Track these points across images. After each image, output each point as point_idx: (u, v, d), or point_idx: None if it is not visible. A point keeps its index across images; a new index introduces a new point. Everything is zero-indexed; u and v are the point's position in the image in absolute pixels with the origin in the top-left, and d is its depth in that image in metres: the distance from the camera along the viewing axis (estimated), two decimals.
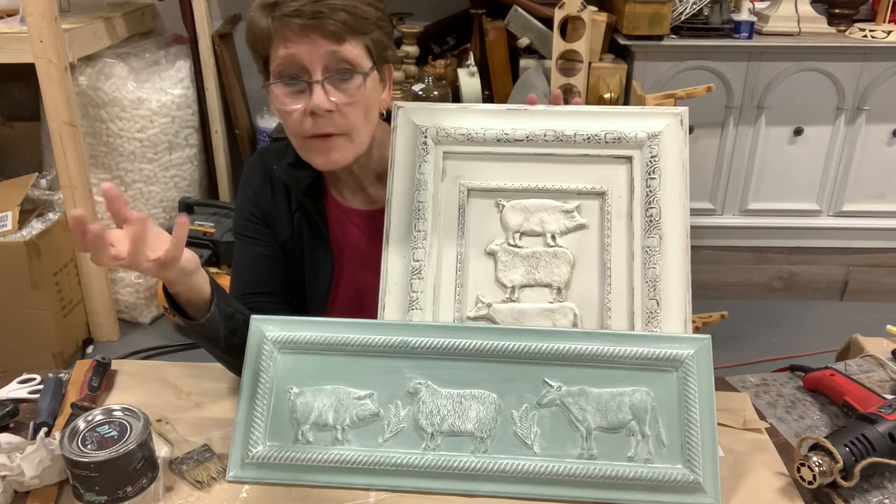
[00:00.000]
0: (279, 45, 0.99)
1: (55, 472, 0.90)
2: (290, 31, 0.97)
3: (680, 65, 2.45)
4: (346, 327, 0.95)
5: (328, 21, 0.96)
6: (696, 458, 0.87)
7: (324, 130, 1.01)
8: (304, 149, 1.06)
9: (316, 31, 0.96)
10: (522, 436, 0.90)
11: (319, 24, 0.96)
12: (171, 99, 2.59)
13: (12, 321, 2.31)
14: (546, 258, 1.00)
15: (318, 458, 0.90)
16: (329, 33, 0.97)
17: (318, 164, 1.06)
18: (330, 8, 0.96)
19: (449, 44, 2.85)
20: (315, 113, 0.99)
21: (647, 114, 1.02)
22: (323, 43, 0.97)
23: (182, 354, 2.50)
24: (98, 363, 1.12)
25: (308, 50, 0.97)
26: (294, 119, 1.01)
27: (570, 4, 2.27)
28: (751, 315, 2.68)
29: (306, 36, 0.97)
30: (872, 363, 1.15)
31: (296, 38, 0.97)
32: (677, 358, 0.90)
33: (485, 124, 1.02)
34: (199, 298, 0.94)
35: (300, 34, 0.97)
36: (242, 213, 1.18)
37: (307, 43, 0.97)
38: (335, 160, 1.04)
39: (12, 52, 2.24)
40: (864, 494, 0.90)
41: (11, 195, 2.37)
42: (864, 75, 2.47)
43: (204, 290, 0.94)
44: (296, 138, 1.05)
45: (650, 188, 0.99)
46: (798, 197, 2.67)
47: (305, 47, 0.97)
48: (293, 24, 0.96)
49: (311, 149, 1.04)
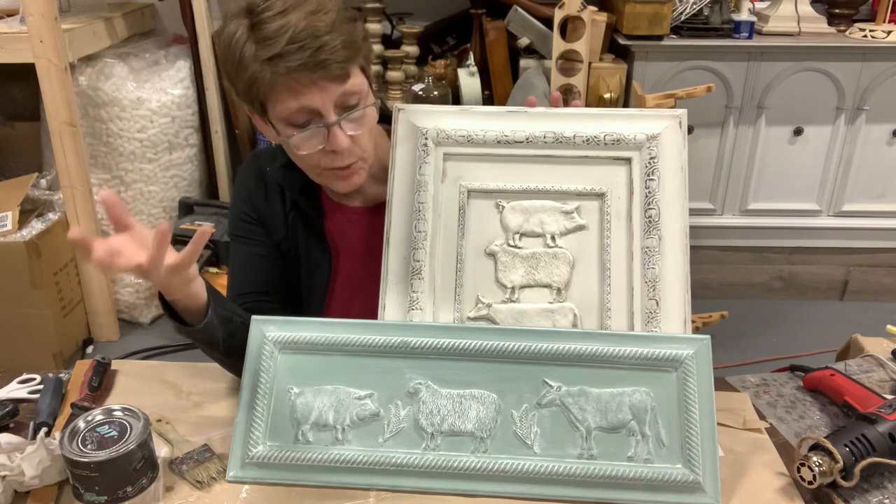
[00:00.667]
0: (286, 98, 0.97)
1: (55, 472, 0.90)
2: (297, 83, 0.95)
3: (680, 65, 2.45)
4: (346, 327, 0.96)
5: (334, 66, 0.95)
6: (696, 458, 0.87)
7: (345, 163, 1.03)
8: (321, 178, 1.08)
9: (323, 78, 0.96)
10: (522, 436, 0.90)
11: (326, 73, 0.95)
12: (171, 99, 2.59)
13: (12, 321, 2.31)
14: (546, 259, 1.00)
15: (319, 458, 0.91)
16: (336, 77, 0.96)
17: (339, 189, 1.09)
18: (331, 51, 0.94)
19: (449, 44, 2.84)
20: (335, 151, 1.01)
21: (646, 116, 1.02)
22: (331, 86, 0.97)
23: (182, 354, 2.50)
24: (98, 363, 1.12)
25: (319, 97, 0.97)
26: (312, 158, 1.03)
27: (570, 4, 2.27)
28: (751, 315, 2.68)
29: (314, 84, 0.96)
30: (872, 363, 1.15)
31: (304, 88, 0.96)
32: (677, 358, 0.90)
33: (485, 126, 1.02)
34: (196, 305, 0.94)
35: (307, 84, 0.95)
36: (237, 215, 1.18)
37: (316, 90, 0.96)
38: (355, 182, 1.07)
39: (12, 52, 2.24)
40: (864, 494, 0.90)
41: (11, 195, 2.37)
42: (864, 75, 2.47)
43: (201, 295, 0.94)
44: (311, 170, 1.07)
45: (649, 189, 0.99)
46: (798, 197, 2.67)
47: (316, 95, 0.96)
48: (300, 77, 0.95)
49: (330, 178, 1.07)
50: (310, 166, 1.06)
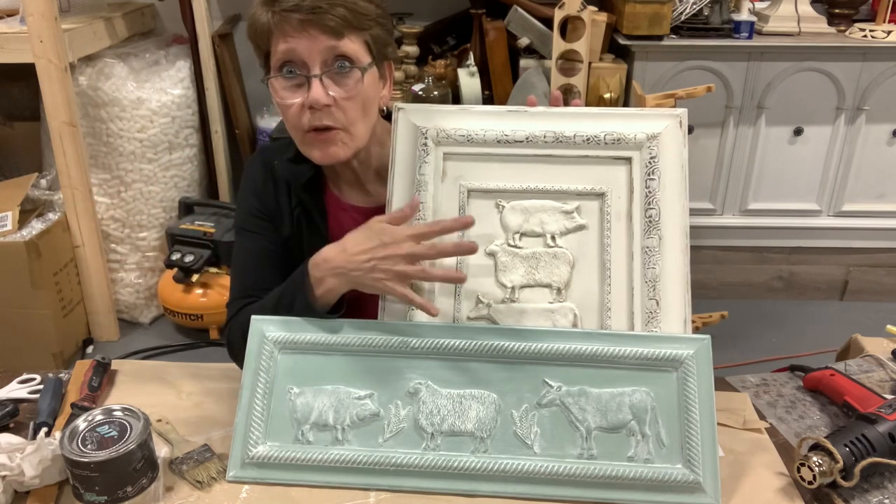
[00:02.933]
0: (279, 40, 1.00)
1: (55, 472, 0.90)
2: (290, 25, 0.98)
3: (680, 65, 2.45)
4: (346, 327, 0.96)
5: (326, 16, 0.97)
6: (696, 458, 0.87)
7: (322, 123, 1.02)
8: (302, 143, 1.07)
9: (314, 25, 0.97)
10: (522, 436, 0.90)
11: (318, 19, 0.97)
12: (171, 99, 2.59)
13: (12, 321, 2.31)
14: (546, 259, 1.00)
15: (319, 458, 0.91)
16: (327, 28, 0.97)
17: (316, 157, 1.07)
18: (329, 3, 0.97)
19: (449, 44, 2.84)
20: (313, 107, 1.00)
21: (647, 115, 1.02)
22: (321, 38, 0.98)
23: (182, 354, 2.50)
24: (98, 363, 1.12)
25: (307, 44, 0.98)
26: (293, 112, 1.02)
27: (570, 4, 2.27)
28: (751, 315, 2.68)
29: (305, 31, 0.97)
30: (872, 363, 1.15)
31: (294, 32, 0.98)
32: (677, 358, 0.90)
33: (485, 125, 1.02)
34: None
35: (299, 29, 0.98)
36: (246, 208, 1.17)
37: (306, 37, 0.98)
38: (333, 154, 1.05)
39: (12, 52, 2.24)
40: (864, 494, 0.90)
41: (11, 195, 2.37)
42: (864, 75, 2.47)
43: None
44: (295, 132, 1.06)
45: (649, 189, 0.99)
46: (798, 197, 2.67)
47: (304, 42, 0.98)
48: (292, 19, 0.97)
49: (309, 143, 1.05)
50: (293, 127, 1.05)
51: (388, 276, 0.94)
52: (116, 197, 2.56)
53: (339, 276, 0.97)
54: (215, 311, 2.46)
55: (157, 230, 2.64)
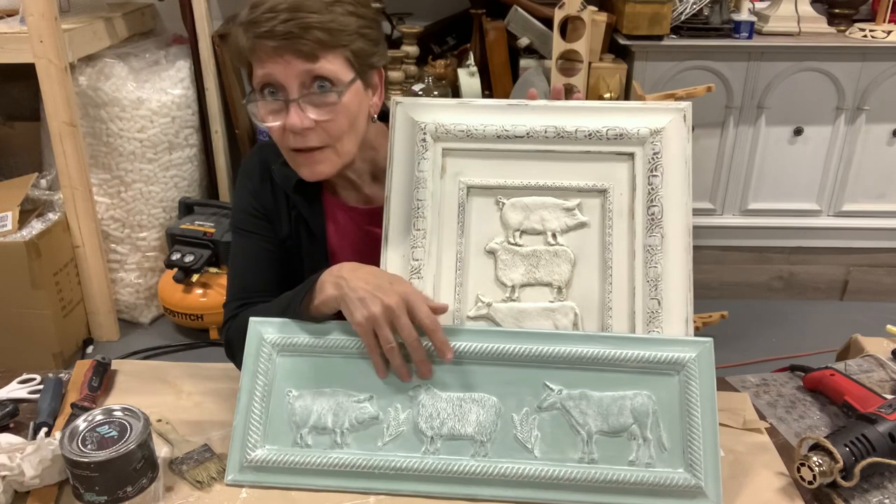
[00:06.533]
0: (257, 65, 0.98)
1: (55, 472, 0.90)
2: (264, 51, 0.96)
3: (680, 65, 2.45)
4: (345, 330, 0.95)
5: (300, 41, 0.94)
6: (698, 462, 0.86)
7: (306, 145, 1.01)
8: (290, 160, 1.06)
9: (288, 51, 0.95)
10: (523, 439, 0.90)
11: (291, 45, 0.94)
12: (171, 99, 2.59)
13: (12, 321, 2.31)
14: (546, 257, 0.99)
15: (317, 461, 0.90)
16: (301, 53, 0.95)
17: (304, 175, 1.06)
18: (302, 27, 0.94)
19: (449, 44, 2.84)
20: (293, 131, 0.99)
21: (650, 109, 1.00)
22: (296, 62, 0.96)
23: (182, 354, 2.50)
24: (98, 363, 1.12)
25: (282, 70, 0.96)
26: (276, 135, 1.02)
27: (570, 4, 2.27)
28: (751, 315, 2.68)
29: (280, 56, 0.95)
30: (872, 363, 1.15)
31: (269, 58, 0.96)
32: (679, 361, 0.90)
33: (485, 120, 1.00)
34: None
35: (273, 55, 0.96)
36: (243, 208, 1.16)
37: (281, 63, 0.96)
38: (320, 172, 1.04)
39: (12, 52, 2.24)
40: (864, 494, 0.90)
41: (11, 195, 2.37)
42: (864, 75, 2.47)
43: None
44: (282, 150, 1.06)
45: (652, 186, 0.97)
46: (798, 197, 2.67)
47: (280, 67, 0.96)
48: (266, 46, 0.95)
49: (296, 161, 1.05)
50: (279, 145, 1.05)
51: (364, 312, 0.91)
52: (116, 197, 2.56)
53: (338, 288, 0.94)
54: (215, 311, 2.46)
55: (157, 230, 2.64)
